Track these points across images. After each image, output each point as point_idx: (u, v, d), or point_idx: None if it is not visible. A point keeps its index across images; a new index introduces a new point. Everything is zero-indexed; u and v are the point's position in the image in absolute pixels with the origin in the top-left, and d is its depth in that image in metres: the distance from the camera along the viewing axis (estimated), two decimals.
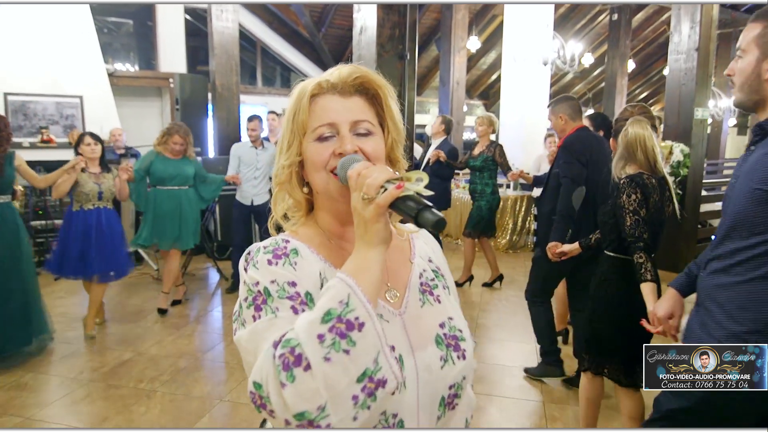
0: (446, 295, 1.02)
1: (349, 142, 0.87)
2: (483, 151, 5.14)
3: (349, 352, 0.73)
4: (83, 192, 3.93)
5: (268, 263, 0.87)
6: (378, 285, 0.80)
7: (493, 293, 5.31)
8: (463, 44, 9.56)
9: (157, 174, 4.47)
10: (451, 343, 0.94)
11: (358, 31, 3.70)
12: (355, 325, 0.74)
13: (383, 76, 0.98)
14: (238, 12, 6.87)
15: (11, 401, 3.05)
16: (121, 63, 10.24)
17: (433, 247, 1.10)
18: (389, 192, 0.76)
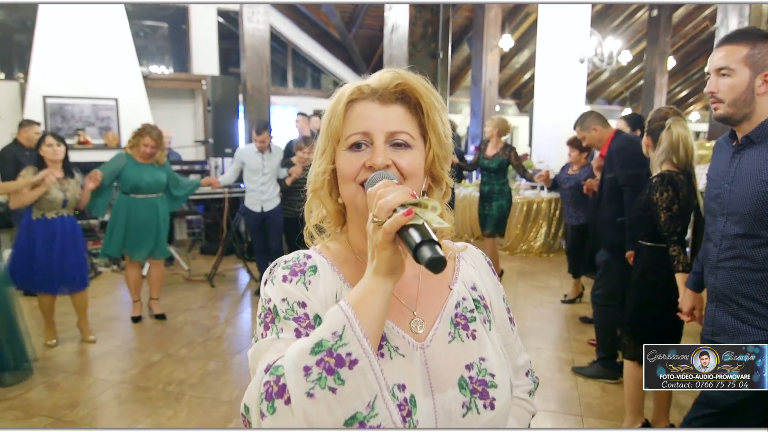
0: (485, 330, 0.89)
1: (381, 155, 0.79)
2: (497, 153, 5.19)
3: (336, 390, 0.66)
4: (47, 199, 3.59)
5: (282, 280, 0.83)
6: (381, 320, 0.72)
7: (528, 299, 5.15)
8: (495, 43, 9.38)
9: (131, 181, 4.14)
10: (477, 389, 0.82)
11: (390, 30, 3.61)
12: (346, 362, 0.67)
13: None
14: (268, 14, 6.88)
15: (43, 402, 3.08)
16: (156, 65, 10.43)
17: (481, 271, 0.97)
18: (395, 218, 0.68)
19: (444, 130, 0.85)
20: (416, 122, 0.83)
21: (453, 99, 14.19)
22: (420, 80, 0.84)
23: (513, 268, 6.33)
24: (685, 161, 2.37)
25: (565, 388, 3.31)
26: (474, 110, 9.62)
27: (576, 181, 4.77)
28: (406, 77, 0.83)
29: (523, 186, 7.46)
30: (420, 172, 0.83)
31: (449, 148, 0.87)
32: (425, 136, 0.85)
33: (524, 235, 7.16)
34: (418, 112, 0.84)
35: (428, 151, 0.84)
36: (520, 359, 1.02)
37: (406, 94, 0.82)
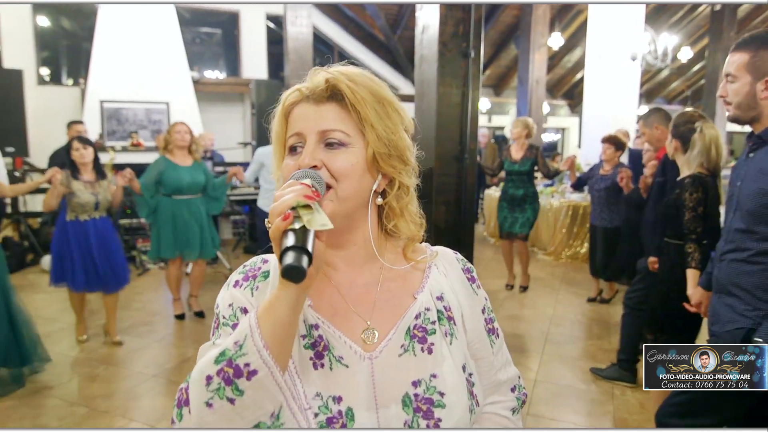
0: (446, 344, 0.83)
1: (308, 155, 0.76)
2: (525, 154, 5.09)
3: (234, 401, 0.64)
4: (79, 203, 3.63)
5: (234, 284, 0.82)
6: (287, 329, 0.68)
7: (569, 307, 4.96)
8: (543, 41, 9.11)
9: (172, 183, 4.20)
10: (421, 408, 0.77)
11: (420, 30, 3.56)
12: (244, 373, 0.65)
13: (444, 76, 0.85)
14: (311, 17, 6.97)
15: (82, 391, 3.23)
16: (210, 70, 10.80)
17: (452, 280, 0.91)
18: (276, 222, 0.65)
19: (385, 126, 0.80)
20: (354, 120, 0.80)
21: (500, 100, 13.93)
22: (353, 76, 0.80)
23: (556, 274, 6.12)
24: (716, 163, 2.44)
25: (599, 401, 3.16)
26: (520, 111, 9.39)
27: (612, 181, 4.60)
28: (335, 72, 0.79)
29: (569, 189, 7.21)
30: (356, 172, 0.78)
31: (397, 144, 0.82)
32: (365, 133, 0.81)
33: (569, 240, 6.92)
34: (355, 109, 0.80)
35: (367, 149, 0.80)
36: (503, 374, 0.96)
37: (339, 92, 0.79)
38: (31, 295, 5.08)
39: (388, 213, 0.85)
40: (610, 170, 4.67)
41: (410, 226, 0.85)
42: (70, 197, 3.62)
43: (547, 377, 3.44)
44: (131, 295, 5.15)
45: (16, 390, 3.18)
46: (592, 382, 3.38)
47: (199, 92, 8.51)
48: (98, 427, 2.83)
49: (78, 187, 3.62)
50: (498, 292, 5.34)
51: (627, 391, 3.25)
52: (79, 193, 3.62)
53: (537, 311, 4.82)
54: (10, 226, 6.72)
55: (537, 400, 3.13)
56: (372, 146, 0.79)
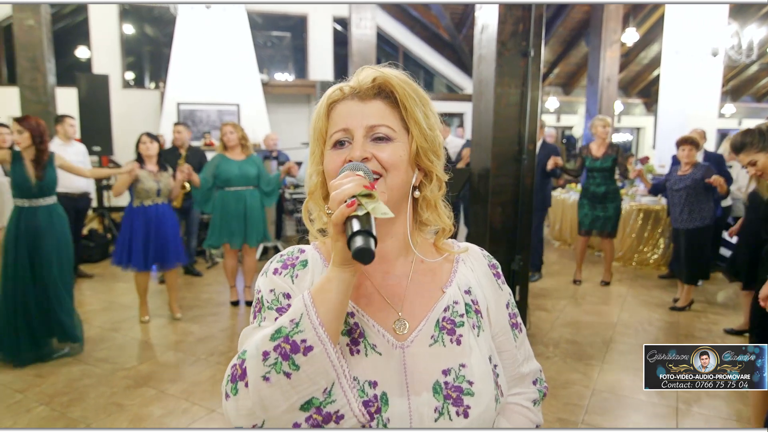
0: (473, 336, 0.87)
1: (359, 149, 0.81)
2: (606, 152, 5.22)
3: (291, 375, 0.69)
4: (143, 189, 4.10)
5: (273, 272, 0.88)
6: (339, 309, 0.73)
7: (637, 315, 4.74)
8: (616, 37, 8.74)
9: (222, 175, 4.58)
10: (451, 395, 0.80)
11: (479, 30, 3.53)
12: (301, 348, 0.69)
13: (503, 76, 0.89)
14: (376, 19, 7.07)
15: (152, 374, 3.46)
16: (280, 73, 11.20)
17: (479, 274, 0.95)
18: (340, 209, 0.69)
19: (427, 122, 0.85)
20: (398, 116, 0.84)
21: (569, 99, 13.47)
22: (399, 75, 0.84)
23: (624, 281, 5.86)
24: None
25: (661, 415, 3.00)
26: (590, 110, 9.05)
27: (692, 180, 4.49)
28: (383, 72, 0.84)
29: (640, 192, 6.87)
30: (402, 165, 0.82)
31: (435, 140, 0.86)
32: (408, 129, 0.85)
33: (639, 245, 6.59)
34: (399, 106, 0.84)
35: (411, 143, 0.84)
36: (525, 367, 0.98)
37: (385, 89, 0.84)
38: (112, 283, 5.49)
39: (422, 205, 0.88)
40: (689, 170, 4.58)
41: (443, 218, 0.89)
42: (136, 184, 4.07)
43: (605, 387, 3.31)
44: (200, 287, 5.44)
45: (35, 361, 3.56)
46: (654, 395, 3.22)
47: (268, 94, 8.84)
48: (166, 408, 3.02)
49: (143, 174, 4.10)
50: (559, 300, 5.18)
51: (693, 405, 3.07)
52: (144, 180, 4.08)
53: (600, 318, 4.64)
54: (95, 219, 7.30)
55: (592, 410, 3.03)
56: (416, 141, 0.84)
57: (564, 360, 3.68)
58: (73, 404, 3.04)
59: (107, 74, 7.26)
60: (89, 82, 6.82)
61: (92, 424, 2.83)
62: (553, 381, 3.35)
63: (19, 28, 5.54)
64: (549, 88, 13.12)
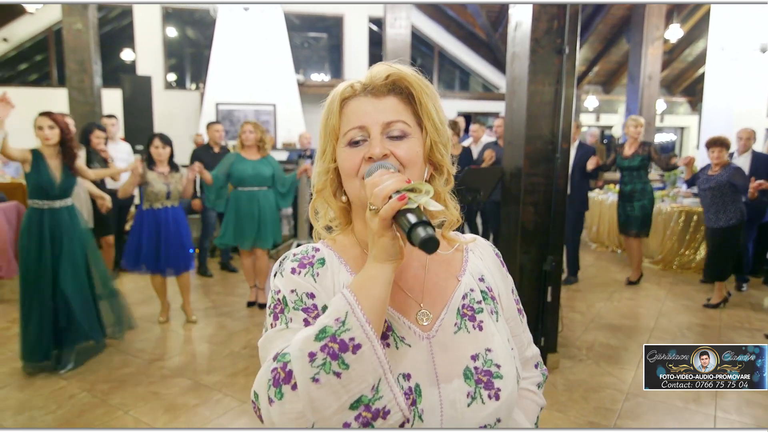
0: (492, 321, 0.89)
1: (378, 146, 0.81)
2: (637, 150, 5.27)
3: (341, 375, 0.68)
4: (153, 191, 3.98)
5: (291, 272, 0.85)
6: (382, 305, 0.73)
7: (675, 319, 4.60)
8: (658, 34, 8.48)
9: (236, 174, 4.49)
10: (482, 380, 0.82)
11: (513, 28, 3.49)
12: (350, 347, 0.68)
13: (536, 73, 0.90)
14: (411, 18, 7.07)
15: (187, 366, 3.57)
16: (316, 73, 11.34)
17: (488, 263, 0.97)
18: (390, 203, 0.69)
19: (439, 117, 0.86)
20: (411, 111, 0.85)
21: (609, 97, 13.14)
22: (411, 70, 0.85)
23: (663, 284, 5.69)
24: None
25: (698, 422, 2.91)
26: (630, 109, 8.82)
27: (717, 182, 4.60)
28: (397, 68, 0.84)
29: (682, 193, 6.65)
30: (419, 160, 0.83)
31: (446, 135, 0.87)
32: (421, 124, 0.86)
33: (680, 248, 6.38)
34: (412, 102, 0.85)
35: (425, 138, 0.85)
36: (529, 351, 1.02)
37: (398, 85, 0.84)
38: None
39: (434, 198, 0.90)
40: (719, 171, 4.67)
41: (453, 211, 0.91)
42: (145, 187, 3.98)
43: (640, 391, 3.23)
44: (235, 282, 5.58)
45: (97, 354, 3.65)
46: (691, 401, 3.12)
47: (304, 94, 8.96)
48: (201, 398, 3.11)
49: (152, 177, 3.99)
50: (594, 303, 5.08)
51: (732, 413, 2.96)
52: (153, 182, 3.98)
53: (637, 322, 4.52)
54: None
55: (625, 415, 2.96)
56: (430, 136, 0.85)
57: (597, 363, 3.60)
58: (113, 392, 3.17)
59: (150, 76, 7.51)
60: (133, 83, 7.08)
61: (130, 411, 2.94)
62: (585, 384, 3.29)
63: (67, 31, 5.79)
64: (588, 86, 12.83)
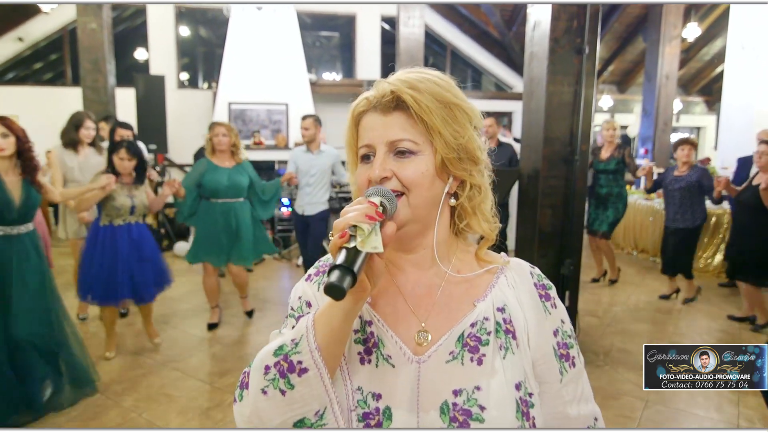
0: (499, 358, 0.79)
1: (378, 167, 0.78)
2: (613, 154, 5.33)
3: (285, 393, 0.70)
4: (114, 206, 3.38)
5: (307, 278, 0.88)
6: (338, 335, 0.72)
7: (693, 325, 4.51)
8: (676, 33, 8.35)
9: (209, 185, 3.94)
10: (457, 418, 0.74)
11: (531, 27, 3.43)
12: (296, 369, 0.70)
13: (555, 74, 0.83)
14: (424, 17, 7.02)
15: (201, 367, 3.56)
16: (328, 72, 11.31)
17: (520, 293, 0.86)
18: (333, 239, 0.68)
19: (452, 130, 0.78)
20: (421, 128, 0.79)
21: (624, 97, 12.98)
22: (414, 82, 0.78)
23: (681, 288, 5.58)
24: None
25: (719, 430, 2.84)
26: (646, 109, 8.69)
27: (687, 182, 4.66)
28: (397, 85, 0.78)
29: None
30: (426, 180, 0.78)
31: (466, 146, 0.80)
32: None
33: (698, 252, 6.25)
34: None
35: (435, 155, 0.79)
36: (573, 409, 0.85)
37: (404, 101, 0.78)
38: None
39: (461, 213, 0.84)
40: (686, 171, 4.75)
41: (483, 225, 0.84)
42: (106, 200, 3.39)
43: (659, 399, 3.16)
44: (249, 283, 5.55)
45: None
46: (712, 410, 3.04)
47: (316, 93, 8.93)
48: (213, 401, 3.09)
49: (115, 189, 3.39)
50: (611, 307, 5.00)
51: (756, 423, 2.88)
52: (116, 195, 3.40)
53: (654, 327, 4.44)
54: (150, 215, 7.57)
55: (645, 423, 2.89)
56: (440, 153, 0.78)
57: (615, 369, 3.53)
58: (126, 393, 3.16)
59: (163, 75, 7.52)
60: (146, 82, 7.09)
61: (143, 414, 2.93)
62: (604, 391, 3.23)
63: (82, 31, 5.81)
64: (603, 86, 12.69)
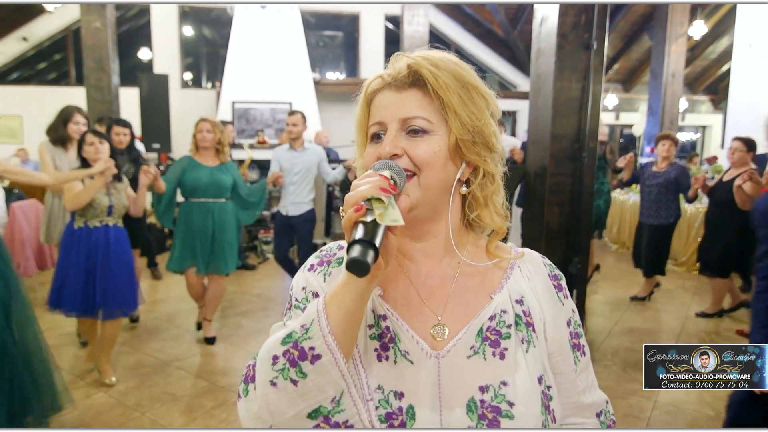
0: (521, 352, 0.77)
1: (389, 144, 0.74)
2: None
3: (297, 383, 0.66)
4: (91, 205, 3.06)
5: (309, 268, 0.84)
6: (353, 317, 0.68)
7: (702, 324, 4.46)
8: (682, 30, 8.29)
9: (189, 183, 3.69)
10: (486, 416, 0.71)
11: (539, 23, 3.39)
12: (308, 356, 0.66)
13: (563, 70, 0.80)
14: (428, 16, 6.98)
15: (204, 365, 3.52)
16: (332, 72, 11.30)
17: (536, 283, 0.84)
18: (348, 213, 0.64)
19: (469, 111, 0.75)
20: (436, 106, 0.76)
21: (629, 96, 12.92)
22: (437, 59, 0.76)
23: (687, 287, 5.54)
24: None
25: None
26: (652, 107, 8.63)
27: (666, 178, 4.60)
28: (416, 57, 0.76)
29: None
30: (438, 161, 0.75)
31: (482, 130, 0.76)
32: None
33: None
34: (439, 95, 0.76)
35: (450, 136, 0.75)
36: (587, 397, 0.87)
37: (421, 78, 0.76)
38: (168, 276, 5.65)
39: (472, 203, 0.80)
40: (665, 167, 4.67)
41: (494, 218, 0.80)
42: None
43: (669, 400, 3.11)
44: (252, 282, 5.54)
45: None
46: (723, 410, 2.99)
47: (320, 92, 8.92)
48: (217, 400, 3.06)
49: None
50: (619, 303, 4.95)
51: None
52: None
53: (663, 326, 4.39)
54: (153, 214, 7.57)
55: (654, 423, 2.85)
56: (455, 133, 0.75)
57: (623, 369, 3.49)
58: (129, 392, 3.13)
59: (167, 74, 7.51)
60: (150, 81, 7.08)
61: (146, 413, 2.90)
62: (612, 391, 3.18)
63: (86, 30, 5.80)
64: (608, 84, 12.63)
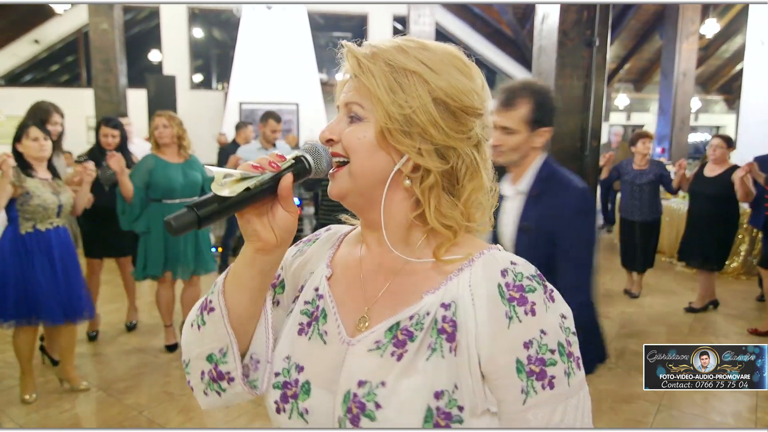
0: (421, 359, 0.69)
1: (327, 128, 0.77)
2: None
3: (200, 328, 0.77)
4: (39, 206, 2.77)
5: (295, 244, 0.90)
6: (240, 281, 0.75)
7: (712, 326, 4.37)
8: (694, 29, 8.17)
9: (162, 183, 3.43)
10: (352, 410, 0.70)
11: (540, 20, 3.35)
12: (207, 307, 0.77)
13: (564, 67, 0.77)
14: (435, 15, 6.96)
15: None
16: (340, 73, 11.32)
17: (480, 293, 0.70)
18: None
19: (396, 98, 0.70)
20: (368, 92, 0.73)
21: (641, 96, 12.78)
22: (378, 45, 0.73)
23: (696, 288, 5.43)
24: None
25: None
26: (663, 107, 8.52)
27: (654, 176, 4.66)
28: (349, 46, 0.75)
29: None
30: (362, 148, 0.72)
31: (413, 119, 0.70)
32: None
33: None
34: None
35: (376, 124, 0.72)
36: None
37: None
38: None
39: (419, 199, 0.75)
40: (646, 165, 4.72)
41: (432, 218, 0.73)
42: (26, 199, 2.76)
43: (673, 403, 3.05)
44: None
45: None
46: (729, 415, 2.93)
47: (327, 93, 8.93)
48: None
49: (35, 185, 2.79)
50: (625, 308, 4.88)
51: None
52: (38, 193, 2.79)
53: (670, 329, 4.32)
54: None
55: (658, 427, 2.79)
56: (378, 121, 0.71)
57: (628, 372, 3.43)
58: (128, 391, 3.14)
59: (174, 75, 7.56)
60: (157, 83, 7.13)
61: (144, 412, 2.91)
62: (616, 394, 3.13)
63: (93, 31, 5.86)
64: (619, 84, 12.50)
